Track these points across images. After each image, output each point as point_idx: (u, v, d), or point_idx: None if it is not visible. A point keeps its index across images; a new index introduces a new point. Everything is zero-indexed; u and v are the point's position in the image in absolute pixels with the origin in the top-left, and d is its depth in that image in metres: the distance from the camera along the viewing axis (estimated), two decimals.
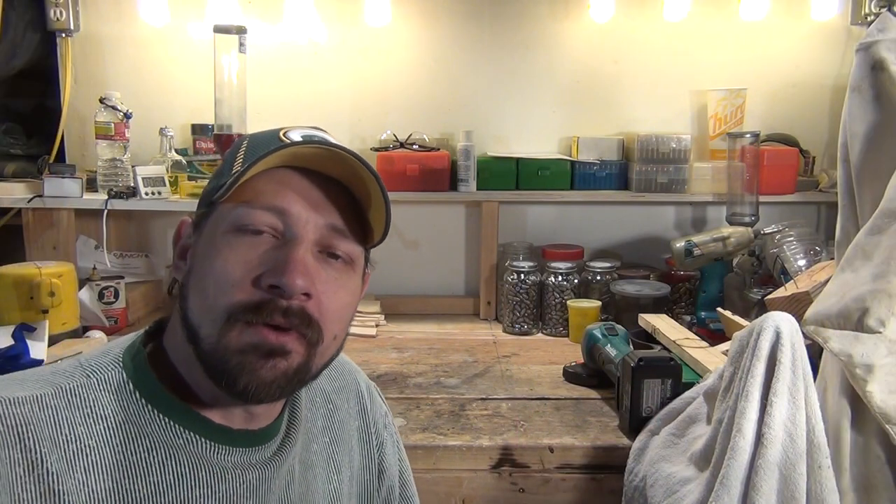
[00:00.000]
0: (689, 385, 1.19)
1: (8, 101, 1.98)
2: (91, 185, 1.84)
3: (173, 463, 0.62)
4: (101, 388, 0.62)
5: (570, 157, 1.95)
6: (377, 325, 1.85)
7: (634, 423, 1.20)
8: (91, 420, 0.60)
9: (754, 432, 0.92)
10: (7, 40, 1.85)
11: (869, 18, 1.90)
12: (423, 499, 1.18)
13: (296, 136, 0.68)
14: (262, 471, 0.67)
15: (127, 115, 1.82)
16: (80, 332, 1.58)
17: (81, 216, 1.80)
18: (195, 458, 0.63)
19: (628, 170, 1.93)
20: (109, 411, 0.61)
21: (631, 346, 1.41)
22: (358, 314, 1.87)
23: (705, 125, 1.98)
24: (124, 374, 0.64)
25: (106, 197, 1.76)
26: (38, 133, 1.99)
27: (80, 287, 1.63)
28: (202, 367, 0.63)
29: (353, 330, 1.76)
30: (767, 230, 1.71)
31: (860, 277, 0.95)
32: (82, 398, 0.61)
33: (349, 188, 0.69)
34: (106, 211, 1.74)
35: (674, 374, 1.20)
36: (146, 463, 0.61)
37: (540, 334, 1.85)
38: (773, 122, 1.99)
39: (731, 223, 1.80)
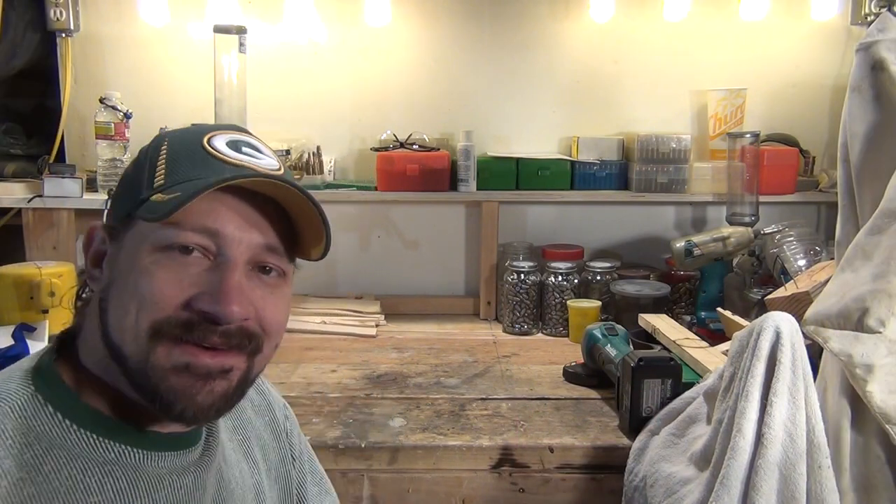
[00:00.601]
0: (689, 385, 1.19)
1: (8, 101, 1.98)
2: (91, 185, 1.84)
3: (111, 480, 0.60)
4: (16, 415, 0.58)
5: (570, 157, 1.95)
6: (377, 325, 1.85)
7: (634, 423, 1.20)
8: (15, 451, 0.56)
9: (754, 432, 0.92)
10: (7, 40, 1.85)
11: (869, 18, 1.90)
12: (422, 499, 1.18)
13: (221, 146, 0.65)
14: (195, 473, 0.67)
15: (127, 115, 1.82)
16: None
17: (81, 216, 1.80)
18: (131, 471, 0.61)
19: (628, 170, 1.93)
20: (32, 438, 0.58)
21: (631, 346, 1.41)
22: (358, 314, 1.87)
23: (705, 125, 1.98)
24: (40, 397, 0.60)
25: (106, 197, 1.76)
26: (38, 133, 1.98)
27: None
28: (132, 386, 0.61)
29: (352, 330, 1.78)
30: (767, 230, 1.71)
31: (860, 277, 0.95)
32: None
33: (280, 203, 0.66)
34: (106, 211, 1.74)
35: (674, 374, 1.20)
36: (83, 486, 0.58)
37: (540, 334, 1.84)
38: (773, 122, 1.99)
39: (731, 223, 1.81)
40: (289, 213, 0.66)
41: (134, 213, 0.62)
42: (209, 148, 0.64)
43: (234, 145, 0.66)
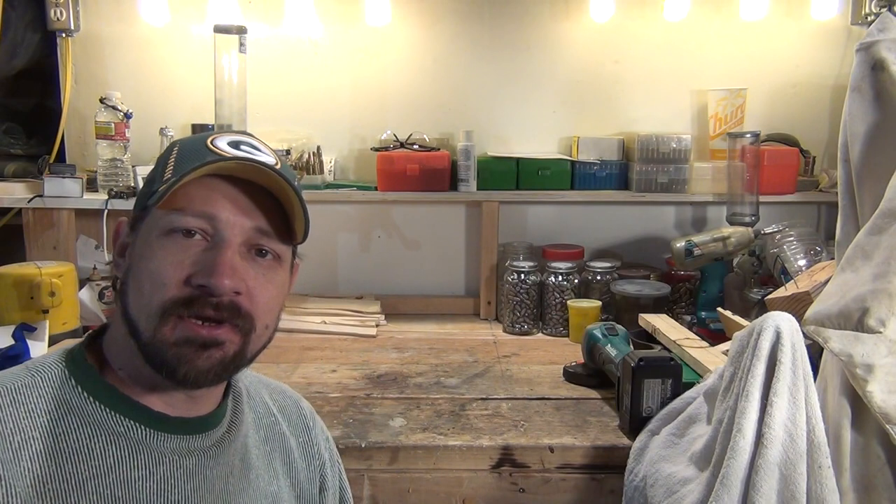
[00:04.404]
0: (690, 385, 1.19)
1: (8, 101, 1.98)
2: (91, 185, 1.85)
3: (114, 448, 0.67)
4: (45, 384, 0.68)
5: (570, 157, 1.95)
6: (377, 325, 1.85)
7: (634, 423, 1.20)
8: (35, 414, 0.66)
9: (754, 432, 0.92)
10: (7, 40, 1.85)
11: (869, 18, 1.90)
12: (423, 499, 1.18)
13: (223, 145, 0.73)
14: (199, 458, 0.72)
15: (127, 115, 1.82)
16: (81, 332, 1.57)
17: (81, 216, 1.80)
18: (134, 443, 0.68)
19: (628, 170, 1.93)
20: (53, 406, 0.67)
21: (631, 346, 1.41)
22: (358, 314, 1.88)
23: (705, 125, 1.98)
24: (66, 371, 0.70)
25: (106, 197, 1.76)
26: (38, 133, 1.99)
27: (81, 287, 1.63)
28: (143, 358, 0.69)
29: (352, 330, 1.78)
30: (767, 230, 1.71)
31: (860, 277, 0.95)
32: (26, 395, 0.67)
33: (273, 193, 0.74)
34: (106, 211, 1.74)
35: (674, 374, 1.20)
36: (88, 449, 0.66)
37: (540, 334, 1.85)
38: (773, 122, 1.99)
39: (732, 223, 1.81)
40: (281, 202, 0.74)
41: (146, 204, 0.72)
42: (211, 146, 0.72)
43: (234, 144, 0.74)
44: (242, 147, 0.73)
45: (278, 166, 0.73)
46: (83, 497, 0.64)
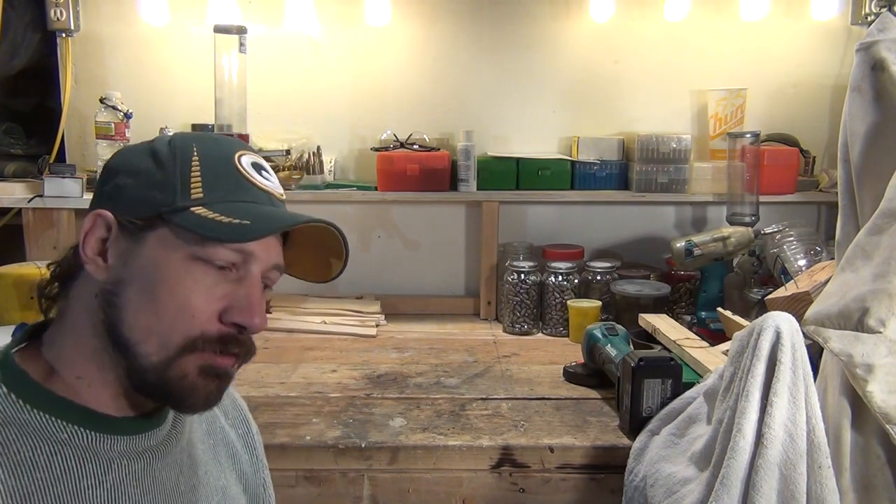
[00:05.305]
0: (690, 385, 1.19)
1: (8, 101, 1.98)
2: (91, 185, 1.84)
3: (59, 458, 0.63)
4: None
5: (570, 157, 1.95)
6: (377, 325, 1.85)
7: (634, 423, 1.20)
8: None
9: (754, 432, 0.92)
10: (7, 40, 1.85)
11: (869, 18, 1.90)
12: (423, 499, 1.19)
13: (248, 167, 0.71)
14: (147, 459, 0.69)
15: (127, 115, 1.83)
16: None
17: (81, 216, 1.79)
18: (81, 451, 0.64)
19: (628, 170, 1.93)
20: None
21: (631, 346, 1.41)
22: (358, 314, 1.87)
23: (705, 125, 1.98)
24: None
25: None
26: (38, 133, 1.98)
27: None
28: (132, 379, 0.66)
29: (353, 330, 1.78)
30: (767, 230, 1.71)
31: (860, 277, 0.95)
32: None
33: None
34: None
35: (674, 374, 1.20)
36: (32, 461, 0.61)
37: (540, 334, 1.84)
38: (773, 122, 1.99)
39: (732, 223, 1.81)
40: (290, 237, 0.75)
41: (171, 219, 0.66)
42: (241, 169, 0.70)
43: (257, 167, 0.72)
44: (263, 173, 0.72)
45: (283, 195, 0.75)
46: None
